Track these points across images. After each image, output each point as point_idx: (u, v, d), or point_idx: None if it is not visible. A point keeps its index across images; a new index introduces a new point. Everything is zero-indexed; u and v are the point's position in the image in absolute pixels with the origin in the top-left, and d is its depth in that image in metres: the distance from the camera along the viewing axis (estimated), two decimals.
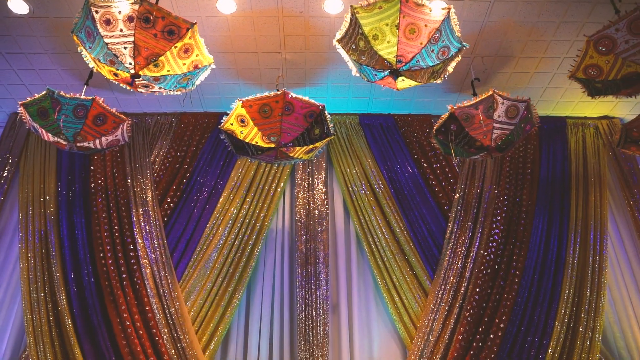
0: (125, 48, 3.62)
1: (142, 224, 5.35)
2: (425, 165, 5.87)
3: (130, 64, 3.68)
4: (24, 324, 5.00)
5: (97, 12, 3.54)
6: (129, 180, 5.59)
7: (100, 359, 4.83)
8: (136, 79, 3.79)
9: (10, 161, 5.73)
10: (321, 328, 5.14)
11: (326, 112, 4.44)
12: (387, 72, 3.86)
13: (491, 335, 5.00)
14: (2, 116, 6.05)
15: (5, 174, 5.65)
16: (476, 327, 5.09)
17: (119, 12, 3.54)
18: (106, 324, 4.95)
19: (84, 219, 5.40)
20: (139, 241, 5.26)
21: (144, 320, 4.99)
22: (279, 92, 4.24)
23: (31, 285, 5.06)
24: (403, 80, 3.98)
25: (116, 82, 3.95)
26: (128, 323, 4.91)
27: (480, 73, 5.35)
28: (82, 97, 4.28)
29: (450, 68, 3.99)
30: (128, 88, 3.96)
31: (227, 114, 4.33)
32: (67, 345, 4.84)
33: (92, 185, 5.57)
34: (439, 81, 4.11)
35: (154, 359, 4.81)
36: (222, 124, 4.39)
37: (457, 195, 5.68)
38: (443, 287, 5.24)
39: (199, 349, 4.95)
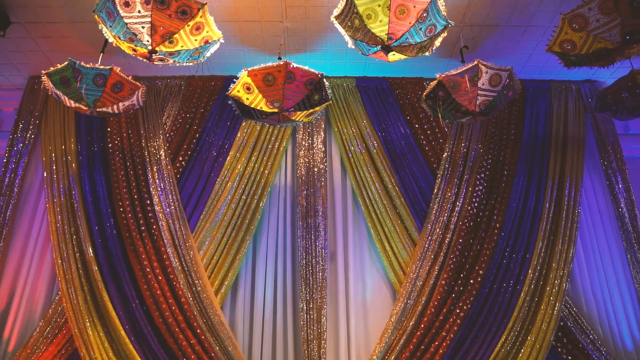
0: (143, 27, 4.02)
1: (157, 181, 5.85)
2: (416, 126, 6.31)
3: (147, 41, 4.08)
4: (55, 271, 5.60)
5: None
6: (143, 141, 6.05)
7: (125, 301, 5.46)
8: (153, 54, 4.21)
9: (32, 123, 6.18)
10: (320, 274, 5.71)
11: (324, 80, 4.85)
12: (379, 48, 4.28)
13: (471, 281, 5.60)
14: (22, 80, 6.44)
15: (29, 134, 6.12)
16: (458, 273, 5.69)
17: None
18: (129, 271, 5.55)
19: (103, 177, 5.90)
20: (155, 197, 5.78)
21: (162, 267, 5.57)
22: (282, 63, 4.63)
23: (59, 237, 5.62)
24: (394, 54, 4.38)
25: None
26: (148, 270, 5.50)
27: (469, 41, 5.70)
28: (101, 67, 4.67)
29: (438, 42, 4.39)
30: (145, 61, 4.36)
31: (233, 79, 4.72)
32: (95, 289, 5.45)
33: (110, 145, 6.04)
34: (427, 54, 4.50)
35: (173, 301, 5.43)
36: (229, 91, 4.80)
37: (445, 154, 6.14)
38: (430, 237, 5.79)
39: (212, 293, 5.55)
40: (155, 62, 4.39)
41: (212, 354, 5.30)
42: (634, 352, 5.53)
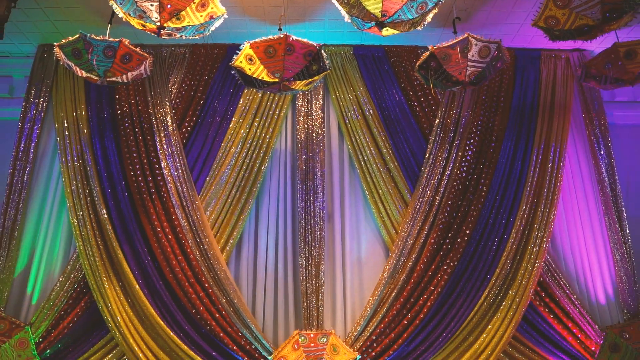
0: (152, 5, 4.28)
1: (165, 146, 6.19)
2: (410, 93, 6.59)
3: (156, 18, 4.35)
4: (71, 230, 6.02)
5: None
6: (150, 107, 6.35)
7: (138, 258, 5.90)
8: (162, 30, 4.47)
9: (43, 90, 6.47)
10: (318, 233, 6.12)
11: (322, 51, 5.10)
12: (373, 23, 4.56)
13: (458, 240, 6.03)
14: (31, 48, 6.69)
15: (41, 101, 6.42)
16: (446, 233, 6.12)
17: None
18: (140, 230, 5.97)
19: (114, 143, 6.24)
20: (163, 161, 6.14)
21: (172, 227, 5.99)
22: (282, 36, 4.88)
23: (74, 199, 6.01)
24: (387, 30, 4.66)
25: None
26: (159, 229, 5.92)
27: (462, 12, 5.92)
28: (111, 39, 4.92)
29: (429, 18, 4.66)
30: (154, 35, 4.63)
31: (235, 48, 4.97)
32: (110, 248, 5.88)
33: (119, 112, 6.35)
34: (419, 28, 4.78)
35: (182, 258, 5.88)
36: (232, 62, 5.07)
37: (437, 120, 6.45)
38: (421, 199, 6.18)
39: (218, 250, 5.99)
40: (163, 37, 4.66)
41: (219, 306, 5.78)
42: (606, 305, 6.03)
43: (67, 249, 6.12)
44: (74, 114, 6.32)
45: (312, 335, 5.56)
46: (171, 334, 5.62)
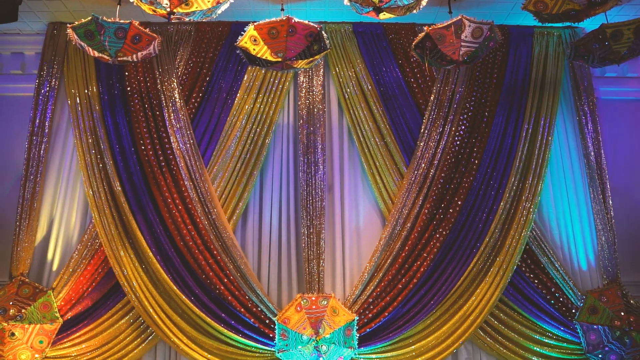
0: None
1: (173, 121, 6.50)
2: (407, 69, 6.86)
3: (166, 4, 4.62)
4: (87, 201, 6.40)
5: None
6: (158, 84, 6.63)
7: (150, 228, 6.30)
8: (171, 15, 4.75)
9: (55, 68, 6.74)
10: (319, 203, 6.49)
11: (323, 32, 5.36)
12: (371, 8, 4.83)
13: (450, 210, 6.42)
14: (42, 26, 6.90)
15: (53, 78, 6.69)
16: (439, 203, 6.49)
17: None
18: (152, 201, 6.35)
19: (125, 118, 6.55)
20: (172, 135, 6.45)
21: (181, 198, 6.36)
22: (284, 18, 5.14)
23: (89, 172, 6.36)
24: (384, 14, 4.94)
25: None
26: (169, 200, 6.30)
27: None
28: (121, 21, 5.18)
29: (424, 2, 4.93)
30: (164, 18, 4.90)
31: (240, 24, 5.27)
32: (124, 218, 6.26)
33: (129, 88, 6.63)
34: (415, 12, 5.06)
35: (192, 227, 6.28)
36: (237, 42, 5.33)
37: (433, 96, 6.73)
38: (416, 171, 6.52)
39: (225, 219, 6.37)
40: (172, 21, 4.93)
41: (227, 272, 6.20)
42: (587, 271, 6.47)
43: (84, 218, 6.50)
44: (86, 90, 6.61)
45: (313, 298, 5.98)
46: (183, 297, 6.07)
